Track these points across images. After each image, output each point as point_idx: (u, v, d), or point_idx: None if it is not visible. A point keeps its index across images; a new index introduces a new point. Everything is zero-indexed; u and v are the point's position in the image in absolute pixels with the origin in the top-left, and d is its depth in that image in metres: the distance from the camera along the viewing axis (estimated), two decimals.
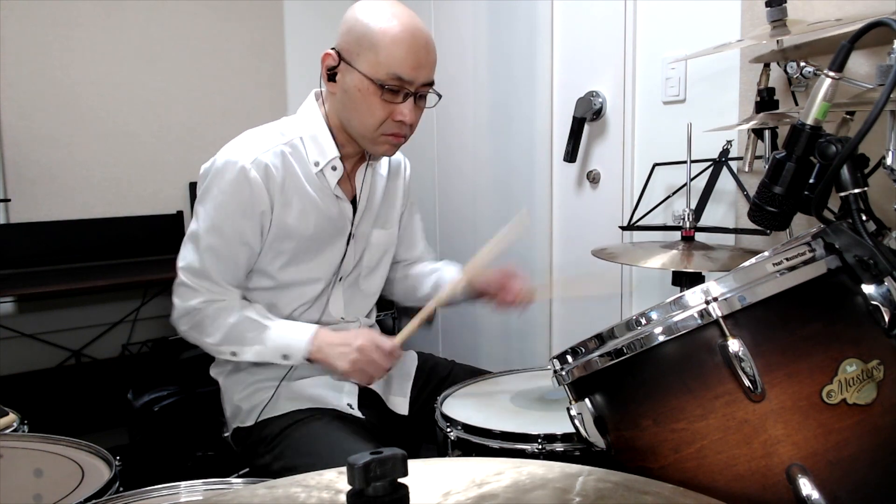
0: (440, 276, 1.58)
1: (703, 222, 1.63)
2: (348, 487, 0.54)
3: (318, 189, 1.35)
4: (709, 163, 1.68)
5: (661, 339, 0.78)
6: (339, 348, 1.28)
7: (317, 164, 1.34)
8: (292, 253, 1.35)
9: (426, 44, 1.26)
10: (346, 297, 1.45)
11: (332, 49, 1.28)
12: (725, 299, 0.76)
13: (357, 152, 1.39)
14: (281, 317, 1.37)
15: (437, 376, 1.53)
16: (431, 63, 1.28)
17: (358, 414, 1.37)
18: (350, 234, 1.40)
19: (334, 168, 1.35)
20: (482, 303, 1.49)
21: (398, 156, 1.55)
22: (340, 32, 1.29)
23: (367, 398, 1.43)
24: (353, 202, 1.41)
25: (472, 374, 1.52)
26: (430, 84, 1.30)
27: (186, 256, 1.32)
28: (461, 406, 1.26)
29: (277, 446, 1.30)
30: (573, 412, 0.89)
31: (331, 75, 1.29)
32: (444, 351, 1.58)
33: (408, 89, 1.26)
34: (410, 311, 1.43)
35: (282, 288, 1.37)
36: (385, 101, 1.25)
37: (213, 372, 1.47)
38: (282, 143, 1.33)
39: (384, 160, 1.50)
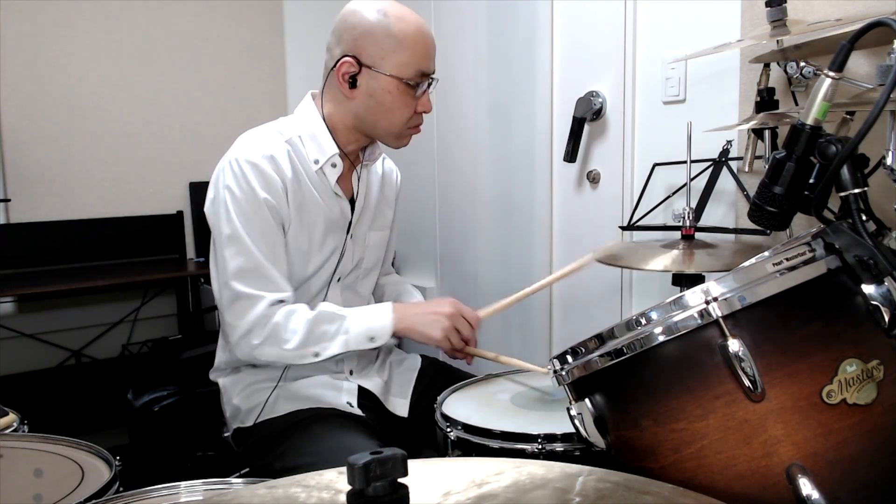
0: (393, 292, 1.61)
1: (703, 222, 1.62)
2: (348, 487, 0.54)
3: (319, 187, 1.36)
4: (709, 163, 1.67)
5: (661, 339, 0.78)
6: (429, 317, 1.32)
7: (316, 161, 1.35)
8: (297, 248, 1.35)
9: (431, 34, 1.34)
10: (345, 299, 1.45)
11: (347, 56, 1.29)
12: (725, 299, 0.75)
13: (354, 152, 1.41)
14: None
15: (441, 381, 1.51)
16: None
17: (358, 412, 1.37)
18: (349, 232, 1.41)
19: (334, 165, 1.36)
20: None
21: (389, 164, 1.58)
22: (351, 37, 1.29)
23: (367, 398, 1.42)
24: (351, 202, 1.42)
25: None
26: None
27: (232, 263, 1.27)
28: (461, 406, 1.26)
29: (279, 447, 1.30)
30: (573, 412, 0.89)
31: (351, 82, 1.31)
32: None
33: (428, 81, 1.34)
34: None
35: None
36: (414, 97, 1.33)
37: (212, 375, 1.47)
38: (283, 140, 1.34)
39: (377, 164, 1.51)
